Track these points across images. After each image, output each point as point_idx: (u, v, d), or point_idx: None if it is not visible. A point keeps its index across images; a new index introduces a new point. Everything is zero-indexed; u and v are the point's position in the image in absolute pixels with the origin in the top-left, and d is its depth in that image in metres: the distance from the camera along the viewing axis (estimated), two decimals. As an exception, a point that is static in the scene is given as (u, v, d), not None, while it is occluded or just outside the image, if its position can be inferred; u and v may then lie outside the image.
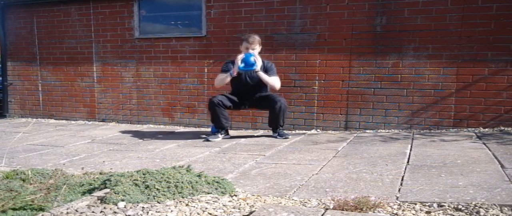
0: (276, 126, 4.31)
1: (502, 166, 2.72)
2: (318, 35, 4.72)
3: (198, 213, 1.91)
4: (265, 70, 4.22)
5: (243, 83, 4.29)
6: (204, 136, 4.48)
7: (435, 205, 2.00)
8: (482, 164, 2.80)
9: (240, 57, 4.14)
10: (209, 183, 2.28)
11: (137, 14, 5.53)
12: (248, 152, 3.57)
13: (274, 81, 4.24)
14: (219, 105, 4.17)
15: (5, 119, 6.39)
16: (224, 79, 4.27)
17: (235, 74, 4.20)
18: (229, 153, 3.53)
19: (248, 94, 4.34)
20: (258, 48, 4.25)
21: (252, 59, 4.11)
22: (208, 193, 2.18)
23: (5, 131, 5.14)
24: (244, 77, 4.27)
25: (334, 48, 4.68)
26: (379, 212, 1.89)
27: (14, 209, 1.86)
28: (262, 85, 4.30)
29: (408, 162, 2.97)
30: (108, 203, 1.97)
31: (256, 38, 4.24)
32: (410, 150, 3.40)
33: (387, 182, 2.45)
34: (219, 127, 4.28)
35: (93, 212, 1.88)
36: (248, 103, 4.40)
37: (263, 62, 4.21)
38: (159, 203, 2.01)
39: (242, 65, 4.12)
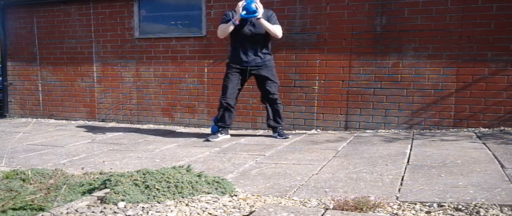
0: (273, 124, 4.28)
1: (502, 166, 2.72)
2: (318, 35, 4.72)
3: (198, 213, 1.91)
4: (267, 19, 4.11)
5: (245, 33, 4.13)
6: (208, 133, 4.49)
7: (435, 205, 2.00)
8: (482, 164, 2.80)
9: (241, 4, 4.03)
10: (209, 183, 2.28)
11: (137, 14, 5.53)
12: (248, 152, 3.57)
13: (276, 29, 4.14)
14: (230, 108, 4.21)
15: (5, 119, 6.39)
16: (226, 28, 4.12)
17: (237, 22, 4.07)
18: (229, 153, 3.53)
19: (251, 47, 4.15)
20: None
21: (253, 5, 4.00)
22: (208, 193, 2.18)
23: (5, 131, 5.14)
24: (246, 27, 4.12)
25: (334, 48, 4.68)
26: (379, 212, 1.89)
27: (14, 209, 1.86)
28: (264, 35, 4.15)
29: (408, 162, 2.97)
30: (108, 203, 1.97)
31: None
32: (410, 150, 3.40)
33: (387, 182, 2.45)
34: (222, 125, 4.27)
35: (93, 212, 1.88)
36: (250, 70, 4.17)
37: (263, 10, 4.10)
38: (159, 203, 2.01)
39: (244, 12, 4.01)
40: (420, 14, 4.33)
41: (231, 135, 4.47)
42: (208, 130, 4.76)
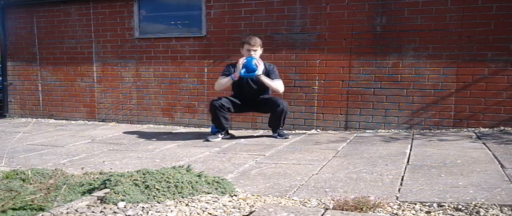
0: (276, 127, 4.31)
1: (502, 166, 2.72)
2: (318, 35, 4.72)
3: (198, 213, 1.91)
4: (267, 73, 4.18)
5: (245, 87, 4.25)
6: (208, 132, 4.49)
7: (435, 205, 2.00)
8: (482, 164, 2.80)
9: (242, 61, 4.10)
10: (209, 183, 2.28)
11: (137, 14, 5.53)
12: (248, 152, 3.57)
13: (277, 85, 4.20)
14: (220, 109, 4.15)
15: (5, 119, 6.39)
16: (225, 83, 4.24)
17: (236, 79, 4.17)
18: (229, 153, 3.53)
19: (250, 98, 4.30)
20: (259, 50, 4.22)
21: (254, 63, 4.06)
22: (208, 193, 2.18)
23: (5, 131, 5.14)
24: (246, 81, 4.22)
25: (334, 48, 4.68)
26: (379, 212, 1.89)
27: (14, 209, 1.86)
28: (264, 88, 4.26)
29: (408, 162, 2.97)
30: (108, 203, 1.97)
31: (258, 40, 4.20)
32: (410, 150, 3.40)
33: (387, 182, 2.45)
34: (219, 128, 4.28)
35: (93, 212, 1.88)
36: (250, 107, 4.37)
37: (264, 65, 4.18)
38: (159, 203, 2.01)
39: (244, 70, 4.08)
40: (420, 14, 4.33)
41: (231, 135, 4.48)
42: (208, 130, 4.76)
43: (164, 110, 5.59)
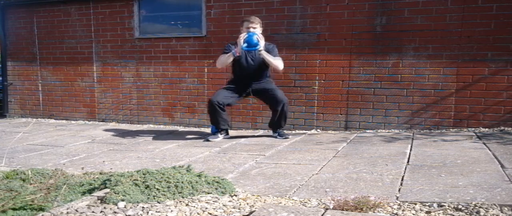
0: (276, 127, 4.30)
1: (502, 166, 2.72)
2: (318, 35, 4.72)
3: (198, 213, 1.91)
4: (267, 51, 4.12)
5: (245, 64, 4.17)
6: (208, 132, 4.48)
7: (435, 205, 2.00)
8: (482, 164, 2.80)
9: (243, 36, 4.03)
10: (209, 183, 2.28)
11: (137, 14, 5.53)
12: (248, 152, 3.57)
13: (277, 62, 4.15)
14: (218, 108, 4.11)
15: (5, 119, 6.39)
16: (226, 59, 4.14)
17: (238, 54, 4.09)
18: (229, 153, 3.53)
19: (251, 77, 4.21)
20: (259, 28, 4.15)
21: (255, 38, 4.00)
22: (208, 193, 2.18)
23: (5, 131, 5.14)
24: (246, 58, 4.15)
25: (334, 48, 4.68)
26: (379, 212, 1.89)
27: (14, 209, 1.86)
28: (265, 66, 4.19)
29: (408, 162, 2.97)
30: (108, 203, 1.97)
31: (257, 18, 4.17)
32: (410, 150, 3.40)
33: (387, 182, 2.45)
34: (218, 128, 4.28)
35: (93, 212, 1.88)
36: (250, 89, 4.25)
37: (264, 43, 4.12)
38: (159, 203, 2.01)
39: (245, 45, 4.01)
40: (420, 14, 4.33)
41: (231, 135, 4.48)
42: (208, 130, 4.76)
43: (164, 110, 5.59)
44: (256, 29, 4.12)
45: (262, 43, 4.04)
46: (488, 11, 4.12)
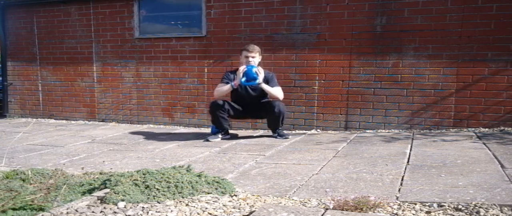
0: (275, 127, 4.31)
1: (502, 166, 2.72)
2: (318, 35, 4.72)
3: (198, 213, 1.91)
4: (266, 81, 4.15)
5: (244, 94, 4.24)
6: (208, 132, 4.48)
7: (435, 205, 2.00)
8: (482, 164, 2.80)
9: (242, 69, 4.06)
10: (209, 183, 2.28)
11: (137, 14, 5.53)
12: (248, 152, 3.57)
13: (277, 93, 4.18)
14: (220, 110, 4.15)
15: (5, 119, 6.39)
16: (225, 91, 4.22)
17: (236, 86, 4.15)
18: (229, 153, 3.53)
19: (250, 105, 4.28)
20: (258, 57, 4.19)
21: (254, 71, 4.04)
22: (208, 193, 2.18)
23: (5, 131, 5.14)
24: (245, 88, 4.21)
25: (334, 48, 4.68)
26: (379, 212, 1.89)
27: (14, 209, 1.86)
28: (263, 94, 4.24)
29: (408, 162, 2.97)
30: (108, 203, 1.97)
31: (256, 47, 4.19)
32: (410, 150, 3.40)
33: (387, 182, 2.45)
34: (219, 128, 4.28)
35: (93, 212, 1.88)
36: (249, 113, 4.36)
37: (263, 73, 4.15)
38: (159, 203, 2.01)
39: (244, 79, 4.05)
40: (420, 14, 4.33)
41: (231, 135, 4.48)
42: (208, 130, 4.76)
43: (164, 110, 5.59)
44: (255, 59, 4.14)
45: (261, 77, 4.07)
46: (488, 11, 4.12)
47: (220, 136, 4.27)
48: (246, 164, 3.09)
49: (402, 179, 2.50)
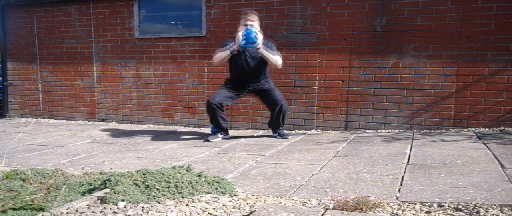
0: (276, 127, 4.31)
1: (502, 166, 2.72)
2: (318, 35, 4.72)
3: (198, 213, 1.91)
4: (265, 49, 4.09)
5: (243, 61, 4.12)
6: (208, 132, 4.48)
7: (435, 205, 2.00)
8: (482, 164, 2.80)
9: (241, 32, 3.99)
10: (209, 183, 2.28)
11: (137, 14, 5.53)
12: (248, 152, 3.57)
13: (276, 60, 4.12)
14: (217, 108, 4.09)
15: (5, 119, 6.39)
16: (224, 55, 4.11)
17: (235, 51, 4.06)
18: (229, 153, 3.53)
19: (249, 76, 4.17)
20: (256, 24, 4.10)
21: (253, 35, 3.95)
22: (208, 193, 2.18)
23: (5, 131, 5.14)
24: (244, 56, 4.11)
25: (334, 48, 4.68)
26: (379, 212, 1.89)
27: (14, 209, 1.86)
28: (263, 64, 4.15)
29: (408, 162, 2.97)
30: (108, 203, 1.97)
31: (255, 13, 4.13)
32: (410, 150, 3.40)
33: (387, 182, 2.45)
34: (218, 128, 4.28)
35: (93, 212, 1.88)
36: (248, 88, 4.21)
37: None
38: (159, 203, 2.01)
39: (243, 41, 3.97)
40: (420, 14, 4.33)
41: (231, 135, 4.48)
42: (208, 130, 4.76)
43: (164, 110, 5.59)
44: (254, 24, 4.06)
45: (260, 39, 4.00)
46: (488, 11, 4.12)
47: (220, 136, 4.27)
48: (246, 164, 3.09)
49: (402, 179, 2.50)
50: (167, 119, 5.57)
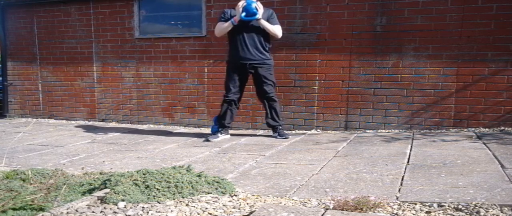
0: (272, 124, 4.28)
1: (502, 166, 2.72)
2: (318, 35, 4.72)
3: (198, 213, 1.91)
4: (266, 18, 4.08)
5: (244, 32, 4.08)
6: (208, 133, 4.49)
7: (435, 205, 2.00)
8: (482, 164, 2.80)
9: (241, 4, 3.97)
10: (209, 183, 2.28)
11: (137, 14, 5.53)
12: (248, 152, 3.57)
13: (276, 30, 4.11)
14: (234, 105, 4.20)
15: (5, 119, 6.39)
16: (225, 28, 4.10)
17: (236, 23, 4.03)
18: (229, 153, 3.53)
19: (250, 45, 4.09)
20: None
21: (253, 6, 3.94)
22: (208, 193, 2.18)
23: (5, 131, 5.14)
24: (244, 26, 4.07)
25: (334, 48, 4.68)
26: (379, 212, 1.89)
27: (14, 209, 1.86)
28: (263, 34, 4.12)
29: (408, 162, 2.97)
30: (108, 203, 1.97)
31: None
32: (410, 150, 3.40)
33: (387, 182, 2.45)
34: (221, 125, 4.26)
35: (93, 212, 1.88)
36: (248, 65, 4.12)
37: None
38: (159, 203, 2.01)
39: (244, 14, 3.95)
40: (420, 14, 4.33)
41: (231, 135, 4.47)
42: (208, 130, 4.76)
43: (164, 110, 5.59)
44: None
45: (261, 11, 4.00)
46: (488, 11, 4.12)
47: (220, 135, 4.27)
48: (246, 164, 3.09)
49: (402, 179, 2.50)
50: (167, 119, 5.57)
